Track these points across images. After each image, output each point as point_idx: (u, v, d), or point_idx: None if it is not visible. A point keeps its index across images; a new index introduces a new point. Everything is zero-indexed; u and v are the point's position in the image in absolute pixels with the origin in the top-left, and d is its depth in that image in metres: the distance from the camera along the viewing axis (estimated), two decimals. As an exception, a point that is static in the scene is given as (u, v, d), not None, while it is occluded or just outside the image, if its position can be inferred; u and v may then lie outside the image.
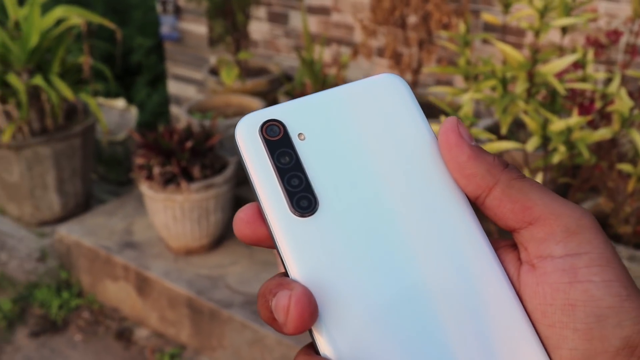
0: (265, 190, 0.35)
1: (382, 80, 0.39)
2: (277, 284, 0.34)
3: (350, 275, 0.34)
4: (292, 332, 0.32)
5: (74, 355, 2.27)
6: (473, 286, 0.35)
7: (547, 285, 0.33)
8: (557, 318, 0.33)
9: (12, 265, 2.67)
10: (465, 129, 0.36)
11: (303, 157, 0.36)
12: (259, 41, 3.46)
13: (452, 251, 0.35)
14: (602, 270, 0.32)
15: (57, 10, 2.64)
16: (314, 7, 3.21)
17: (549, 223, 0.34)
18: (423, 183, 0.36)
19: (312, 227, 0.35)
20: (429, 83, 3.00)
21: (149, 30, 4.44)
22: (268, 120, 0.37)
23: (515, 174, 0.35)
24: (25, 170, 2.70)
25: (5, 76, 2.58)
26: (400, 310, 0.34)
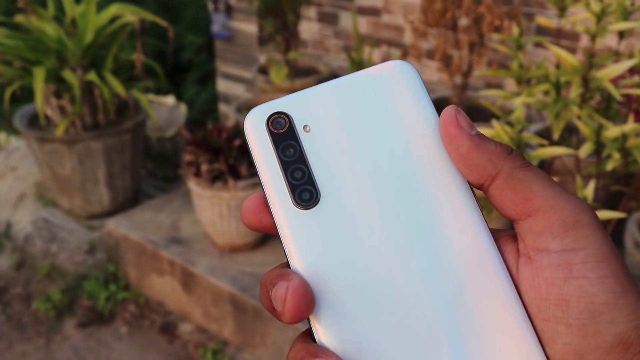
0: (270, 183, 0.36)
1: (391, 68, 0.38)
2: (277, 274, 0.35)
3: (347, 268, 0.35)
4: (289, 321, 0.33)
5: (119, 347, 2.31)
6: (470, 279, 0.35)
7: (542, 280, 0.33)
8: (551, 313, 0.33)
9: (62, 257, 2.73)
10: (465, 118, 0.36)
11: (307, 150, 0.37)
12: (309, 41, 3.47)
13: (450, 244, 0.35)
14: (597, 267, 0.32)
15: (112, 7, 2.69)
16: (365, 8, 3.20)
17: (547, 216, 0.33)
18: (426, 174, 0.36)
19: (313, 220, 0.35)
20: (478, 86, 2.97)
21: (199, 28, 4.48)
22: (274, 113, 0.37)
23: (519, 162, 0.35)
24: (77, 164, 2.76)
25: (60, 72, 2.64)
26: (397, 302, 0.34)
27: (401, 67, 0.38)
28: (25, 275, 2.68)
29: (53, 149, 2.73)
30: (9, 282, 2.65)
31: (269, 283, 0.35)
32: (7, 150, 3.56)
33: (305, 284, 0.34)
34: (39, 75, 2.50)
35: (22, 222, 2.94)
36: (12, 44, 2.63)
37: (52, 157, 2.76)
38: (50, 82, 2.64)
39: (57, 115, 2.75)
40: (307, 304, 0.33)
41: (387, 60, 0.39)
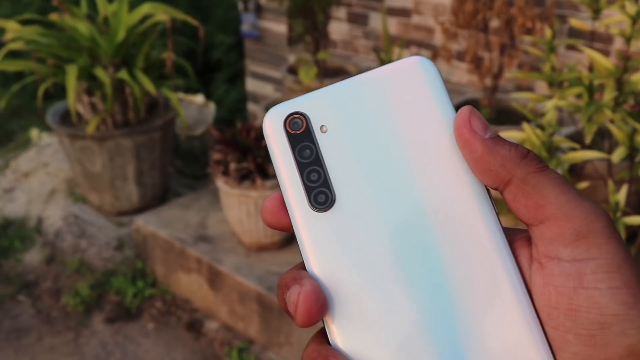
0: (287, 184, 0.36)
1: (411, 64, 0.38)
2: (292, 277, 0.35)
3: (361, 271, 0.35)
4: (300, 325, 0.33)
5: (146, 343, 2.33)
6: (482, 284, 0.34)
7: (553, 288, 0.33)
8: (561, 322, 0.32)
9: (91, 253, 2.76)
10: (480, 120, 0.35)
11: (323, 151, 0.36)
12: (338, 41, 3.47)
13: (463, 248, 0.35)
14: (608, 277, 0.31)
15: (144, 6, 2.71)
16: (395, 9, 3.19)
17: (559, 224, 0.33)
18: (442, 175, 0.36)
19: (328, 222, 0.35)
20: (509, 88, 2.94)
21: (229, 27, 4.51)
22: (292, 113, 0.37)
23: (533, 167, 0.34)
24: (107, 161, 2.79)
25: (92, 69, 2.67)
26: (409, 306, 0.34)
27: (420, 63, 0.37)
28: (55, 270, 2.72)
29: (84, 146, 2.76)
30: (39, 276, 2.69)
31: (284, 286, 0.35)
32: (39, 146, 3.61)
33: (317, 289, 0.34)
34: (72, 73, 2.53)
35: (52, 217, 2.98)
36: (46, 42, 2.66)
37: (83, 154, 2.79)
38: (83, 79, 2.68)
39: (88, 112, 2.78)
40: (318, 309, 0.34)
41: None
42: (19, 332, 2.38)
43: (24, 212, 3.06)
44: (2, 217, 3.05)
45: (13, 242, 2.87)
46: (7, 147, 3.83)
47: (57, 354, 2.28)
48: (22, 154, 3.57)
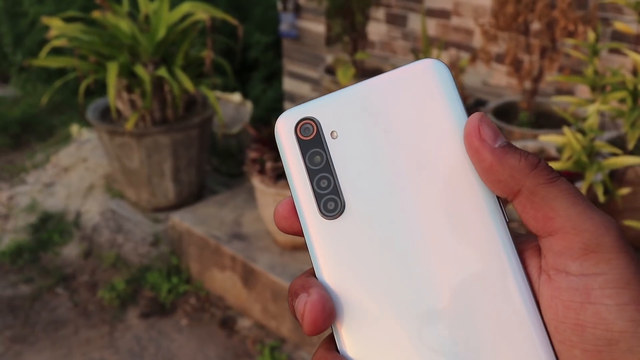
0: (298, 191, 0.36)
1: (423, 68, 0.37)
2: (301, 285, 0.35)
3: (369, 280, 0.35)
4: (308, 333, 0.34)
5: (179, 339, 2.35)
6: (490, 295, 0.34)
7: (560, 302, 0.32)
8: (567, 336, 0.32)
9: (127, 248, 2.80)
10: (490, 127, 0.34)
11: (334, 158, 0.36)
12: (376, 42, 3.46)
13: (472, 259, 0.34)
14: (617, 293, 0.31)
15: (184, 5, 2.74)
16: (434, 10, 3.17)
17: (568, 237, 0.32)
18: (452, 183, 0.35)
19: (338, 230, 0.35)
20: (548, 92, 2.90)
21: (267, 27, 4.52)
22: (303, 118, 0.37)
23: (543, 178, 0.33)
24: (145, 157, 2.82)
25: (132, 67, 2.70)
26: (417, 316, 0.34)
27: (434, 67, 0.37)
28: (92, 264, 2.76)
29: (123, 142, 2.80)
30: (77, 270, 2.73)
31: (293, 293, 0.35)
32: (79, 142, 3.67)
33: (324, 299, 0.34)
34: (112, 70, 2.56)
35: (90, 212, 3.03)
36: (88, 39, 2.70)
37: (122, 150, 2.83)
38: (123, 76, 2.71)
39: (127, 109, 2.81)
40: (325, 319, 0.34)
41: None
42: (56, 324, 2.42)
43: (63, 206, 3.11)
44: (42, 210, 3.10)
45: (52, 236, 2.92)
46: (48, 142, 3.90)
47: (93, 346, 2.31)
48: (62, 149, 3.63)
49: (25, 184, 3.40)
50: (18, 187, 3.38)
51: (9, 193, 3.32)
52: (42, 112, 4.24)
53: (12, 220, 3.09)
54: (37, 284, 2.64)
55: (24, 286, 2.63)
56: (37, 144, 3.97)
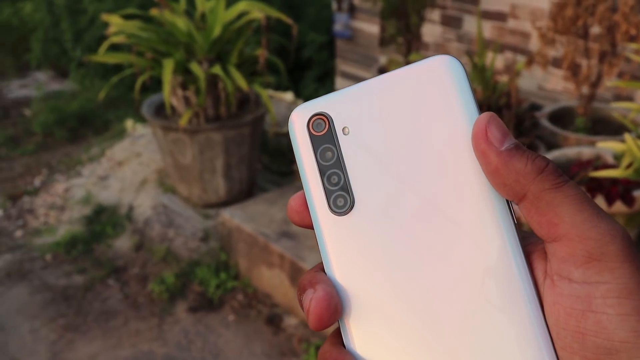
0: (309, 186, 0.37)
1: (437, 64, 0.36)
2: (309, 280, 0.36)
3: (376, 277, 0.35)
4: (313, 329, 0.34)
5: (226, 334, 2.38)
6: (496, 297, 0.34)
7: (562, 308, 0.32)
8: (568, 343, 0.32)
9: (178, 242, 2.84)
10: (498, 129, 0.34)
11: (345, 154, 0.36)
12: (430, 44, 3.43)
13: (479, 260, 0.34)
14: (618, 303, 0.30)
15: (240, 4, 2.76)
16: (490, 12, 3.13)
17: (572, 244, 0.32)
18: (462, 182, 0.35)
19: (347, 226, 0.36)
20: (606, 97, 2.83)
21: (321, 26, 4.53)
22: (315, 114, 0.37)
23: (549, 182, 0.33)
24: (197, 153, 2.86)
25: (188, 64, 2.74)
26: (421, 313, 0.34)
27: (447, 63, 0.36)
28: (143, 257, 2.81)
29: (176, 138, 2.84)
30: (128, 262, 2.78)
31: (301, 289, 0.36)
32: (133, 136, 3.74)
33: (329, 296, 0.34)
34: (168, 67, 2.60)
35: (143, 206, 3.08)
36: (145, 36, 2.75)
37: (175, 146, 2.87)
38: (178, 73, 2.75)
39: (181, 105, 2.85)
40: (330, 316, 0.34)
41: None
42: (107, 314, 2.47)
43: (116, 200, 3.18)
44: (97, 203, 3.17)
45: (105, 228, 2.98)
46: (104, 136, 3.99)
47: (142, 338, 2.35)
48: (117, 144, 3.71)
49: (81, 176, 3.48)
50: (74, 179, 3.46)
51: (65, 185, 3.40)
52: (99, 107, 4.33)
53: (68, 211, 3.17)
54: (90, 274, 2.70)
55: (78, 276, 2.69)
56: (93, 137, 4.06)
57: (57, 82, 5.17)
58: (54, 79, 5.24)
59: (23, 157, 3.87)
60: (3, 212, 3.22)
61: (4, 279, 2.68)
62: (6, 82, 5.25)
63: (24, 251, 2.88)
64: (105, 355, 2.27)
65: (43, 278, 2.69)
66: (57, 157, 3.81)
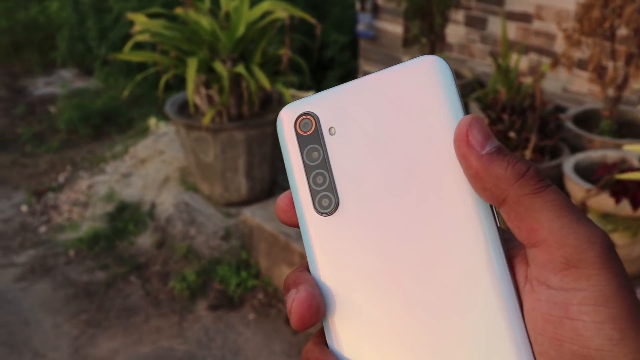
0: (295, 186, 0.37)
1: (424, 65, 0.36)
2: (293, 280, 0.36)
3: (360, 278, 0.35)
4: (295, 329, 0.35)
5: (245, 333, 2.38)
6: (476, 300, 0.34)
7: (540, 314, 0.32)
8: (545, 349, 0.32)
9: (199, 240, 2.85)
10: (480, 132, 0.33)
11: (331, 154, 0.36)
12: (454, 45, 3.42)
13: (461, 262, 0.34)
14: (595, 310, 0.30)
15: (264, 3, 2.77)
16: (515, 13, 3.10)
17: (550, 251, 0.32)
18: (446, 185, 0.35)
19: (332, 227, 0.36)
20: (632, 100, 2.80)
21: (344, 26, 4.53)
22: (303, 113, 0.37)
23: (529, 188, 0.32)
24: (220, 152, 2.87)
25: (211, 63, 2.75)
26: (404, 317, 0.34)
27: (434, 64, 0.36)
28: (165, 255, 2.83)
29: (199, 137, 2.85)
30: (150, 259, 2.80)
31: (286, 287, 0.36)
32: (156, 134, 3.76)
33: (312, 296, 0.35)
34: (192, 65, 2.62)
35: (165, 203, 3.10)
36: (170, 35, 2.77)
37: (198, 144, 2.88)
38: (202, 72, 2.76)
39: (205, 104, 2.87)
40: (312, 316, 0.34)
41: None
42: (129, 311, 2.49)
43: (139, 197, 3.20)
44: (119, 200, 3.20)
45: (127, 225, 3.00)
46: (127, 134, 4.02)
47: (162, 335, 2.37)
48: (140, 141, 3.73)
49: (104, 173, 3.51)
50: (97, 176, 3.49)
51: (88, 182, 3.43)
52: (123, 105, 4.37)
53: (91, 208, 3.19)
54: (112, 271, 2.72)
55: (100, 272, 2.72)
56: (116, 135, 4.09)
57: (82, 79, 5.22)
58: (79, 77, 5.29)
59: (48, 153, 3.91)
60: (28, 208, 3.25)
61: (28, 274, 2.71)
62: (32, 80, 5.31)
63: (47, 247, 2.91)
64: (126, 351, 2.29)
65: (66, 274, 2.71)
66: (81, 154, 3.85)
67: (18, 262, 2.80)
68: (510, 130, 2.41)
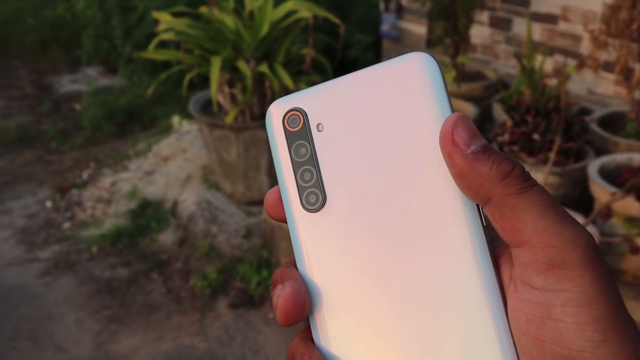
0: (283, 181, 0.37)
1: (412, 62, 0.36)
2: (279, 276, 0.36)
3: (346, 274, 0.35)
4: (281, 325, 0.34)
5: (266, 332, 2.39)
6: (461, 299, 0.34)
7: (523, 314, 0.32)
8: (528, 349, 0.32)
9: (221, 239, 2.86)
10: (465, 131, 0.33)
11: (318, 150, 0.36)
12: (478, 45, 3.40)
13: (446, 261, 0.34)
14: (577, 312, 0.30)
15: (289, 3, 2.77)
16: (540, 14, 3.08)
17: (534, 251, 0.31)
18: (433, 183, 0.35)
19: (318, 223, 0.36)
20: (659, 103, 2.76)
21: (368, 26, 4.52)
22: (291, 109, 0.37)
23: (514, 187, 0.32)
24: (242, 151, 2.88)
25: (235, 62, 2.76)
26: (389, 314, 0.34)
27: (423, 61, 0.36)
28: (186, 252, 2.84)
29: (222, 135, 2.86)
30: (172, 257, 2.81)
31: (272, 283, 0.36)
32: (179, 133, 3.78)
33: (297, 292, 0.35)
34: (216, 64, 2.63)
35: (187, 201, 3.11)
36: (194, 34, 2.78)
37: (220, 143, 2.89)
38: (225, 71, 2.77)
39: (228, 103, 2.88)
40: (297, 312, 0.34)
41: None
42: (150, 307, 2.51)
43: (161, 195, 3.22)
44: (142, 197, 3.22)
45: (150, 222, 3.02)
46: (151, 132, 4.04)
47: (183, 332, 2.38)
48: (163, 139, 3.76)
49: (128, 171, 3.54)
50: (121, 173, 3.52)
51: (112, 179, 3.46)
52: (146, 103, 4.40)
53: (114, 205, 3.22)
54: (134, 267, 2.74)
55: (122, 269, 2.74)
56: (140, 133, 4.12)
57: (107, 77, 5.26)
58: (104, 75, 5.34)
59: (72, 150, 3.95)
60: (52, 204, 3.29)
61: (52, 269, 2.74)
62: (58, 77, 5.37)
63: (71, 243, 2.94)
64: (147, 347, 2.30)
65: (89, 270, 2.74)
66: (105, 152, 3.88)
67: (42, 258, 2.83)
68: (535, 133, 2.39)
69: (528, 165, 2.37)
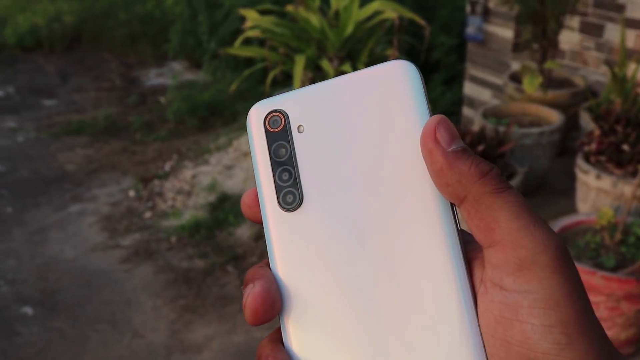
0: (260, 181, 0.37)
1: (393, 69, 0.37)
2: (252, 275, 0.36)
3: (318, 276, 0.35)
4: (250, 324, 0.34)
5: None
6: (433, 301, 0.34)
7: (492, 316, 0.32)
8: (496, 351, 0.32)
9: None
10: (447, 130, 0.34)
11: (298, 151, 0.37)
12: (566, 51, 3.30)
13: (419, 263, 0.34)
14: (543, 314, 0.30)
15: (375, 3, 2.77)
16: (635, 21, 2.96)
17: (505, 251, 0.32)
18: (409, 185, 0.35)
19: (294, 223, 0.36)
20: None
21: (452, 29, 4.47)
22: (273, 110, 0.38)
23: (490, 187, 0.33)
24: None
25: (318, 60, 2.77)
26: (359, 316, 0.34)
27: (404, 68, 0.37)
28: (262, 247, 2.88)
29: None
30: (247, 251, 2.85)
31: (244, 282, 0.36)
32: (259, 129, 3.83)
33: (267, 292, 0.34)
34: (300, 63, 2.65)
35: (265, 197, 3.15)
36: (279, 32, 2.81)
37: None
38: (308, 69, 2.79)
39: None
40: (265, 312, 0.34)
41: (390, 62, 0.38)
42: (224, 299, 2.55)
43: (240, 189, 3.27)
44: (221, 191, 3.28)
45: (228, 216, 3.08)
46: (232, 127, 4.11)
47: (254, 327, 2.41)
48: (243, 135, 3.82)
49: (208, 164, 3.61)
50: (201, 166, 3.60)
51: (193, 172, 3.54)
52: (229, 98, 4.48)
53: (194, 197, 3.29)
54: (211, 259, 2.80)
55: (199, 260, 2.80)
56: (221, 127, 4.20)
57: (191, 72, 5.39)
58: (189, 69, 5.47)
59: (156, 142, 4.06)
60: (135, 193, 3.39)
61: (132, 256, 2.82)
62: (145, 70, 5.53)
63: (151, 232, 3.02)
64: (220, 339, 2.34)
65: (167, 259, 2.81)
66: (187, 145, 3.97)
67: (123, 245, 2.92)
68: (624, 143, 2.30)
69: (616, 177, 2.29)
